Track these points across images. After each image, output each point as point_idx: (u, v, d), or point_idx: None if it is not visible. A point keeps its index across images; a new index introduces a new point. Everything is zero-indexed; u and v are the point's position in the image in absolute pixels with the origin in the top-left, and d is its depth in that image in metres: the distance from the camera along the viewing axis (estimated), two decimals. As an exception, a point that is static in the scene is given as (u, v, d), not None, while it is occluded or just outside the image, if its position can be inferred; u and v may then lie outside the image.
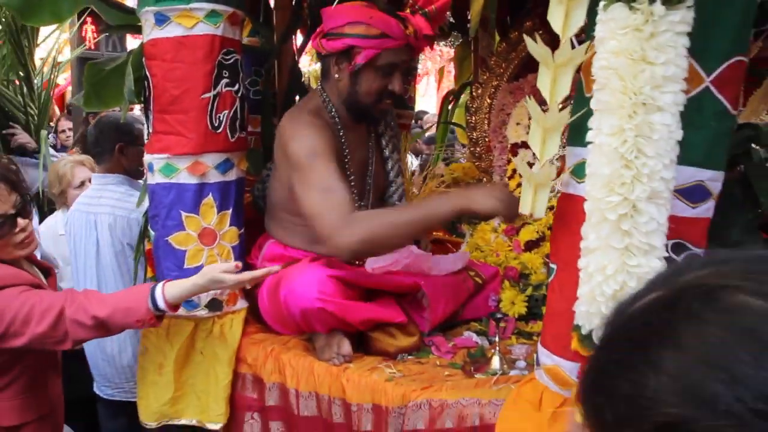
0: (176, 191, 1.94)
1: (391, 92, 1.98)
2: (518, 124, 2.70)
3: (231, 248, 2.00)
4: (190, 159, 1.93)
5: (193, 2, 1.87)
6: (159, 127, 1.94)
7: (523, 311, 2.15)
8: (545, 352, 1.42)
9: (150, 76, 1.93)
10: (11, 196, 1.73)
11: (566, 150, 1.42)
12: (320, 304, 1.79)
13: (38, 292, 1.74)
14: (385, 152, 2.22)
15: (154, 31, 1.90)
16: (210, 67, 1.90)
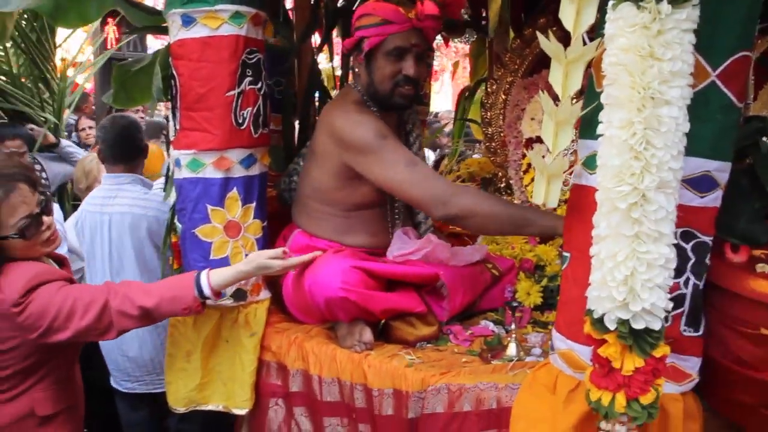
0: (202, 185, 2.01)
1: (406, 77, 2.03)
2: (533, 119, 2.75)
3: (255, 240, 2.07)
4: (216, 154, 2.00)
5: (218, 4, 1.94)
6: (186, 124, 2.02)
7: (539, 301, 2.20)
8: (559, 337, 1.48)
9: (177, 75, 2.01)
10: (35, 195, 1.76)
11: (578, 143, 1.48)
12: (343, 293, 1.86)
13: (78, 287, 1.81)
14: (413, 149, 2.27)
15: (180, 32, 1.98)
16: (234, 66, 1.98)
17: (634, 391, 1.20)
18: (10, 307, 1.69)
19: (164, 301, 1.81)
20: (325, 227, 2.15)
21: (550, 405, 1.46)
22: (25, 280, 1.71)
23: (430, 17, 2.01)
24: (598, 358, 1.21)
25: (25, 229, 1.73)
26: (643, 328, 1.17)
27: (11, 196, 1.71)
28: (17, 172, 1.75)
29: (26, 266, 1.75)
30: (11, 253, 1.74)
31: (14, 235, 1.72)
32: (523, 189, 2.84)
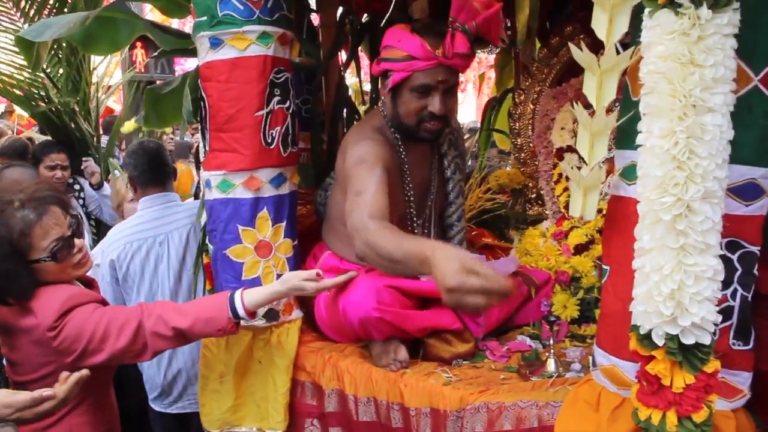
0: (233, 206, 2.02)
1: (431, 114, 1.98)
2: (563, 128, 2.71)
3: (286, 260, 2.07)
4: (246, 174, 2.01)
5: (245, 25, 1.95)
6: (216, 145, 2.03)
7: (576, 315, 2.16)
8: (601, 353, 1.43)
9: (206, 96, 2.02)
10: (66, 218, 1.77)
11: (614, 153, 1.44)
12: (378, 313, 1.84)
13: (111, 308, 1.82)
14: (446, 173, 2.24)
15: (209, 54, 2.00)
16: (263, 86, 1.99)
17: (686, 408, 1.16)
18: (45, 332, 1.69)
19: (198, 322, 1.80)
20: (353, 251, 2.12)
21: (594, 423, 1.41)
22: (59, 303, 1.71)
23: (459, 55, 1.92)
24: (646, 375, 1.17)
25: (57, 251, 1.73)
26: (693, 343, 1.13)
27: (44, 219, 1.71)
28: (50, 195, 1.76)
29: (59, 289, 1.75)
30: (43, 276, 1.74)
31: (46, 258, 1.71)
32: (554, 199, 2.80)
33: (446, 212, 2.26)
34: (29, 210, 1.69)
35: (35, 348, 1.72)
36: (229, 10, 1.95)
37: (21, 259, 1.69)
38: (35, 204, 1.71)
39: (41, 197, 1.73)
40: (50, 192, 1.78)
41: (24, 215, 1.68)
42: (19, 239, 1.67)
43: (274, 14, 2.01)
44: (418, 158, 2.15)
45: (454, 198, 2.22)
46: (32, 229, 1.68)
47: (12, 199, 1.70)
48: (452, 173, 2.23)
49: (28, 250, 1.69)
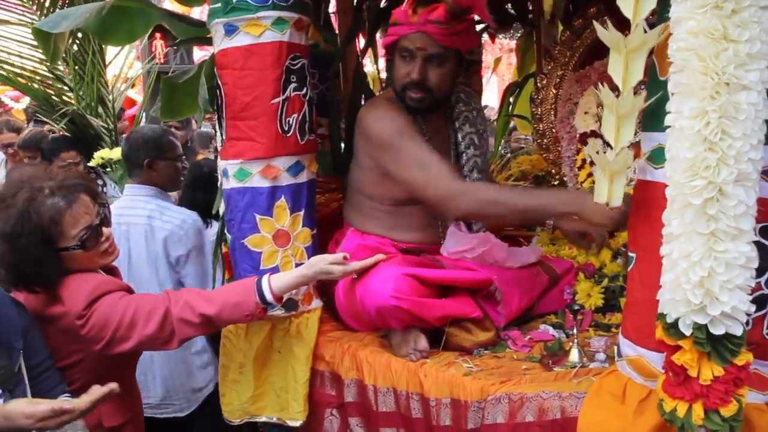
0: (250, 195, 1.99)
1: (411, 81, 2.03)
2: (586, 113, 2.64)
3: (304, 249, 2.04)
4: (263, 163, 1.98)
5: (260, 11, 1.92)
6: (232, 134, 2.01)
7: (600, 303, 2.11)
8: (627, 343, 1.39)
9: (221, 84, 2.00)
10: (95, 206, 1.77)
11: (641, 135, 1.39)
12: (395, 302, 1.81)
13: (138, 296, 1.80)
14: (460, 146, 2.22)
15: (224, 42, 1.97)
16: (278, 73, 1.95)
17: (713, 401, 1.11)
18: (74, 320, 1.69)
19: (226, 307, 1.78)
20: (374, 223, 2.15)
21: (619, 415, 1.37)
22: (87, 291, 1.71)
23: (433, 22, 1.97)
24: (672, 366, 1.13)
25: (86, 240, 1.72)
26: (723, 334, 1.08)
27: (74, 207, 1.70)
28: (79, 183, 1.76)
29: (86, 278, 1.75)
30: (70, 264, 1.74)
31: (76, 246, 1.71)
32: (578, 186, 2.73)
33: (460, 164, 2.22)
34: (59, 197, 1.69)
35: (64, 336, 1.72)
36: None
37: (50, 246, 1.68)
38: (65, 192, 1.70)
39: (71, 185, 1.73)
40: (79, 180, 1.78)
41: (54, 203, 1.68)
42: (49, 227, 1.66)
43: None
44: (433, 126, 2.17)
45: (468, 172, 2.19)
46: (62, 216, 1.68)
47: (42, 186, 1.69)
48: (465, 148, 2.21)
49: (58, 237, 1.69)
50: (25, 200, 1.66)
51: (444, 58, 2.03)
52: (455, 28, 1.99)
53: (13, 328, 1.58)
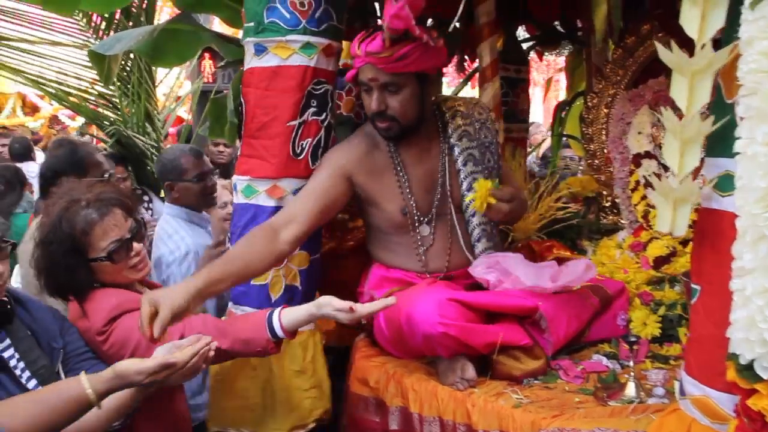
0: (254, 211, 2.03)
1: (372, 113, 1.97)
2: (640, 133, 2.56)
3: (298, 271, 2.05)
4: (269, 182, 2.02)
5: (289, 35, 1.95)
6: (245, 151, 2.06)
7: (657, 333, 2.01)
8: (691, 381, 1.31)
9: (244, 102, 2.04)
10: (127, 221, 1.79)
11: (705, 161, 1.32)
12: (443, 328, 1.75)
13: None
14: (457, 164, 2.11)
15: (252, 61, 2.01)
16: (299, 97, 1.98)
17: (793, 449, 1.03)
18: (95, 336, 1.73)
19: (237, 343, 1.77)
20: (394, 253, 2.11)
21: (683, 457, 1.29)
22: (109, 308, 1.73)
23: (372, 54, 1.87)
24: (747, 411, 1.04)
25: (114, 252, 1.75)
26: (804, 378, 1.00)
27: (105, 219, 1.75)
28: (114, 197, 1.80)
29: (111, 294, 1.77)
30: (100, 276, 1.77)
31: (103, 257, 1.74)
32: (631, 208, 2.65)
33: (462, 206, 2.14)
34: (93, 209, 1.74)
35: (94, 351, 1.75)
36: (275, 18, 1.94)
37: (81, 256, 1.73)
38: (99, 204, 1.76)
39: (106, 198, 1.78)
40: (115, 195, 1.83)
41: (87, 213, 1.74)
42: (80, 237, 1.72)
43: (322, 24, 1.99)
44: (417, 153, 2.08)
45: (466, 190, 2.08)
46: (93, 228, 1.73)
47: (79, 198, 1.76)
48: (462, 165, 2.09)
49: (88, 248, 1.73)
50: (61, 210, 1.73)
51: (399, 85, 1.93)
52: (398, 53, 1.86)
53: (51, 330, 1.65)
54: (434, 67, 2.02)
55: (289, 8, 1.93)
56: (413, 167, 2.07)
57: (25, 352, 1.58)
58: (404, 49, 1.85)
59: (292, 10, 1.92)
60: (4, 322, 1.58)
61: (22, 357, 1.57)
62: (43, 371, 1.58)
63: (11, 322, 1.59)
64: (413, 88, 1.95)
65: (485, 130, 2.15)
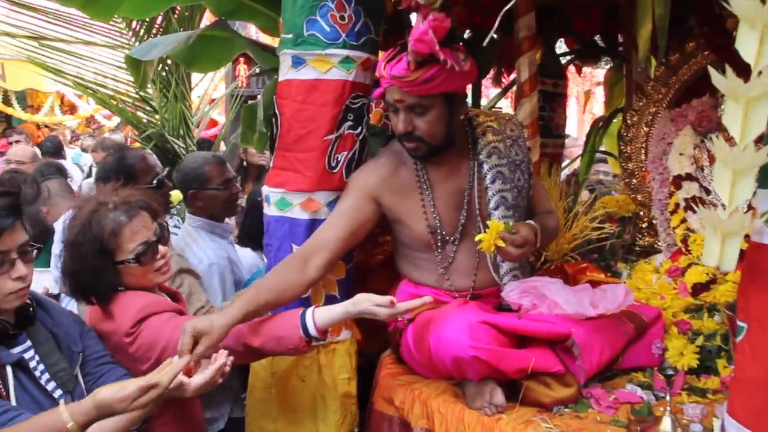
0: (289, 225, 2.03)
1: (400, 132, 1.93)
2: (681, 154, 2.49)
3: (336, 281, 2.05)
4: (304, 195, 2.01)
5: (329, 48, 1.93)
6: (278, 163, 2.04)
7: (694, 364, 1.94)
8: (735, 424, 1.24)
9: (279, 114, 2.02)
10: (153, 224, 1.84)
11: (757, 193, 1.25)
12: (474, 352, 1.71)
13: (187, 319, 1.78)
14: (485, 181, 2.06)
15: (289, 72, 1.99)
16: (337, 111, 1.97)
17: None
18: (122, 338, 1.74)
19: (270, 340, 1.76)
20: (423, 270, 2.09)
21: (723, 502, 1.22)
22: (136, 309, 1.75)
23: (398, 78, 1.82)
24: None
25: (142, 254, 1.78)
26: None
27: (134, 221, 1.79)
28: (141, 200, 1.86)
29: (137, 296, 1.79)
30: (126, 279, 1.80)
31: (131, 259, 1.78)
32: (669, 231, 2.56)
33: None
34: (121, 212, 1.79)
35: (115, 354, 1.76)
36: (315, 31, 1.93)
37: (108, 258, 1.77)
38: (127, 207, 1.81)
39: (133, 201, 1.83)
40: (142, 198, 1.88)
41: (116, 216, 1.78)
42: (109, 238, 1.76)
43: (361, 38, 1.97)
44: (445, 171, 2.04)
45: (493, 208, 2.03)
46: (122, 229, 1.77)
47: (107, 201, 1.81)
48: (491, 182, 2.04)
49: (116, 250, 1.77)
50: (90, 212, 1.78)
51: (425, 107, 1.88)
52: (423, 76, 1.80)
53: (71, 333, 1.69)
54: (462, 87, 1.99)
55: (330, 21, 1.91)
56: (440, 185, 2.04)
57: (45, 355, 1.61)
58: (429, 72, 1.80)
59: (333, 23, 1.91)
60: (26, 325, 1.61)
61: (42, 359, 1.60)
62: (63, 374, 1.61)
63: (33, 324, 1.62)
64: (440, 108, 1.90)
65: (516, 147, 2.10)
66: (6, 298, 1.53)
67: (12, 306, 1.56)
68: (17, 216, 1.53)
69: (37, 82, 7.81)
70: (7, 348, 1.54)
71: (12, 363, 1.52)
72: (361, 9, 1.93)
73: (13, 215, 1.52)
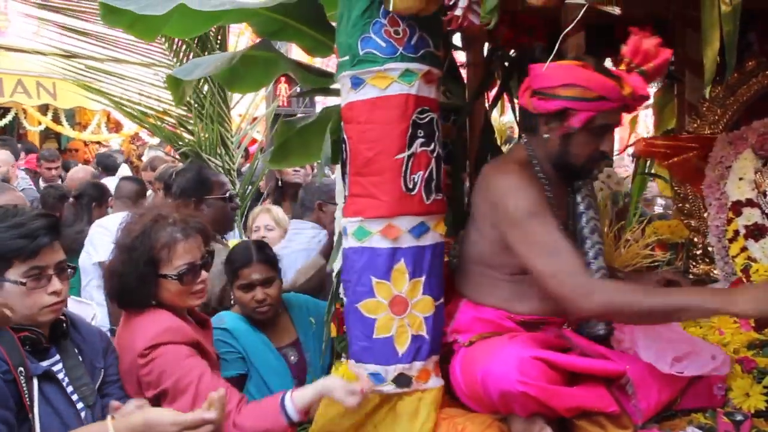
0: (368, 256, 1.87)
1: (602, 153, 1.89)
2: (741, 179, 2.38)
3: (423, 319, 1.88)
4: (383, 222, 1.86)
5: (387, 63, 1.84)
6: (354, 190, 1.92)
7: (762, 406, 1.80)
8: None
9: (347, 139, 1.92)
10: (202, 248, 1.91)
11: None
12: (522, 387, 1.64)
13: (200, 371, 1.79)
14: (579, 207, 2.04)
15: (350, 95, 1.90)
16: (404, 127, 1.85)
17: None
18: (137, 358, 1.78)
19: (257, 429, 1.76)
20: (490, 293, 1.95)
21: None
22: (155, 332, 1.79)
23: (643, 98, 1.86)
24: None
25: (185, 273, 1.85)
26: None
27: (189, 240, 1.87)
28: (198, 224, 1.95)
29: (162, 318, 1.83)
30: (162, 294, 1.86)
31: (175, 275, 1.84)
32: (727, 259, 2.44)
33: (581, 250, 2.00)
34: (179, 228, 1.87)
35: (124, 375, 1.80)
36: (370, 48, 1.84)
37: (154, 268, 1.84)
38: (184, 225, 1.89)
39: (191, 222, 1.92)
40: (199, 222, 1.96)
41: (173, 230, 1.86)
42: (160, 249, 1.84)
43: (419, 51, 1.88)
44: (559, 196, 1.98)
45: (589, 234, 2.00)
46: (176, 245, 1.85)
47: (167, 215, 1.90)
48: (585, 208, 2.02)
49: (165, 263, 1.84)
50: (151, 221, 1.87)
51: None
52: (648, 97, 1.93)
53: (96, 349, 1.76)
54: None
55: (384, 37, 1.83)
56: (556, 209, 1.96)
57: (70, 369, 1.68)
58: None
59: (388, 38, 1.83)
60: (59, 339, 1.69)
61: (68, 373, 1.67)
62: (85, 389, 1.68)
63: (66, 339, 1.70)
64: None
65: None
66: (42, 311, 1.61)
67: (47, 319, 1.64)
68: (56, 236, 1.64)
69: (85, 101, 7.99)
70: (37, 360, 1.62)
71: (39, 375, 1.59)
72: (416, 23, 1.86)
73: (52, 235, 1.62)
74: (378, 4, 1.82)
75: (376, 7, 1.82)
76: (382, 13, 1.83)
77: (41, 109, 9.45)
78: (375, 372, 1.86)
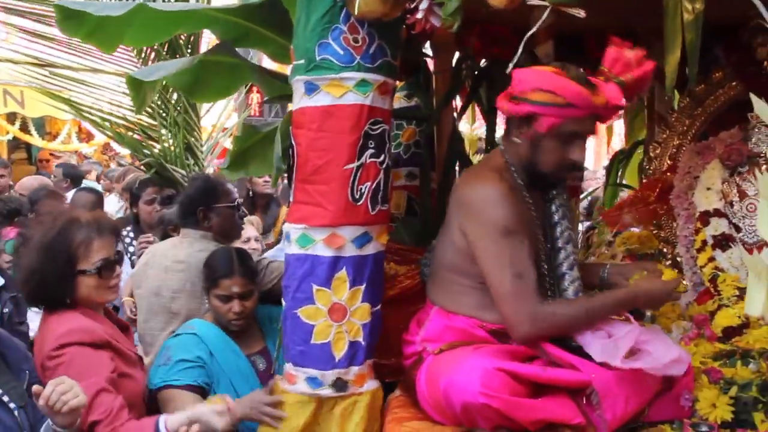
0: (310, 263, 1.90)
1: (571, 162, 1.88)
2: (709, 189, 2.38)
3: (361, 326, 1.91)
4: (327, 231, 1.88)
5: (343, 72, 1.84)
6: (299, 197, 1.93)
7: (728, 417, 1.78)
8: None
9: (295, 144, 1.92)
10: (114, 246, 2.02)
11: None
12: (484, 399, 1.63)
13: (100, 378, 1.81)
14: (554, 218, 2.02)
15: (303, 100, 1.89)
16: (356, 137, 1.86)
17: None
18: (45, 360, 1.83)
19: None
20: (462, 302, 1.93)
21: None
22: (62, 332, 1.84)
23: (616, 108, 1.85)
24: None
25: (102, 268, 1.93)
26: None
27: (102, 238, 1.96)
28: (110, 223, 2.08)
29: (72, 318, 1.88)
30: (79, 291, 1.91)
31: (93, 270, 1.91)
32: (696, 269, 2.42)
33: (556, 260, 2.00)
34: (93, 227, 1.96)
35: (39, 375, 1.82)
36: (328, 55, 1.83)
37: (72, 266, 1.90)
38: (98, 225, 1.98)
39: (103, 222, 2.02)
40: (110, 222, 2.10)
41: (89, 229, 1.95)
42: (78, 246, 1.91)
43: (377, 61, 1.87)
44: (537, 199, 1.98)
45: (564, 244, 1.98)
46: (92, 242, 1.93)
47: (80, 216, 2.00)
48: (560, 218, 2.01)
49: (81, 260, 1.91)
50: (67, 221, 1.95)
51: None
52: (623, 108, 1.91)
53: (19, 352, 1.87)
54: None
55: (343, 44, 1.82)
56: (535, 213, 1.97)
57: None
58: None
59: (346, 46, 1.82)
60: None
61: None
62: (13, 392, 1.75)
63: None
64: None
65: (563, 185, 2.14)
66: None
67: None
68: None
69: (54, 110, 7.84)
70: None
71: None
72: (375, 32, 1.84)
73: None
74: (339, 9, 1.81)
75: (337, 13, 1.81)
76: (343, 19, 1.82)
77: (9, 117, 9.26)
78: (313, 376, 1.89)
